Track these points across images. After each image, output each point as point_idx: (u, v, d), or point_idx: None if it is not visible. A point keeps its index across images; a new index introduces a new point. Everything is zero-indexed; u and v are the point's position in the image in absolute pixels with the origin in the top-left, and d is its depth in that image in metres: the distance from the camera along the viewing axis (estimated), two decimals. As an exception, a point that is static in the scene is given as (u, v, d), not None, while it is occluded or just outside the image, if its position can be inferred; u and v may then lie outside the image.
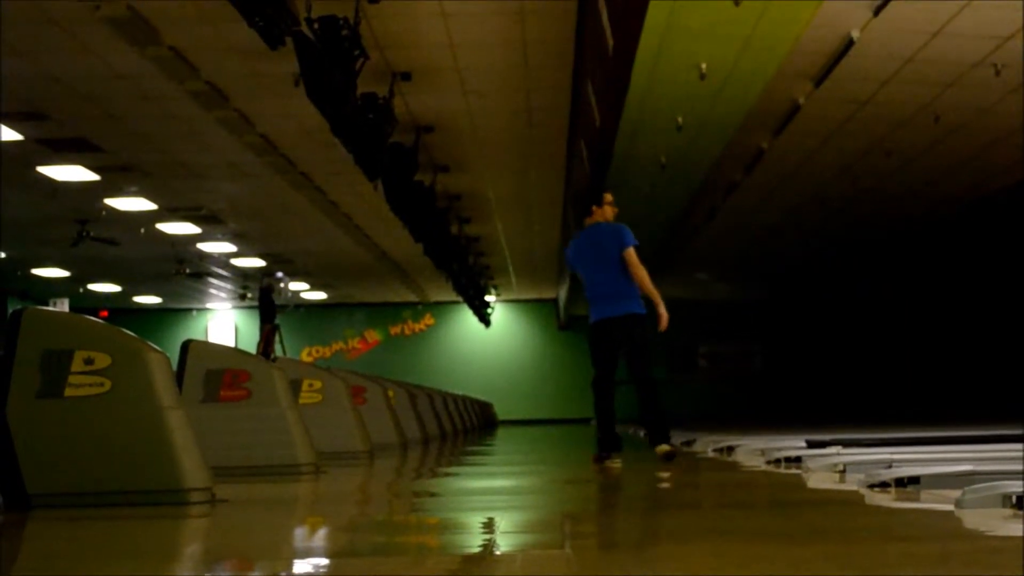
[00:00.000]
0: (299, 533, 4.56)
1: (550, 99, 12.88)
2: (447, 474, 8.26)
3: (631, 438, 14.36)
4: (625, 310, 8.08)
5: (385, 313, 32.25)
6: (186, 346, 7.45)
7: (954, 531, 3.94)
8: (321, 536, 4.43)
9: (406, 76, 11.71)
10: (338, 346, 32.50)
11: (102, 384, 4.93)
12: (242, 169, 15.76)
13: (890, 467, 5.62)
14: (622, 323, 8.10)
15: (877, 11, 9.73)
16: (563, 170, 16.23)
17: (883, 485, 5.28)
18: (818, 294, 29.30)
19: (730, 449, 9.13)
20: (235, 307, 31.97)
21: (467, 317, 30.36)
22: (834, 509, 4.90)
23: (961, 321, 26.39)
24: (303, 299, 30.36)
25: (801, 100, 12.10)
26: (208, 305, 32.05)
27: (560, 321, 31.38)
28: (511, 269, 26.12)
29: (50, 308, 6.04)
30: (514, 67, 11.76)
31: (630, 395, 8.21)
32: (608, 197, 8.48)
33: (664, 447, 8.04)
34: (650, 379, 8.18)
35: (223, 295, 30.18)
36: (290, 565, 3.56)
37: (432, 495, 6.35)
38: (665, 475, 7.16)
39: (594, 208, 8.44)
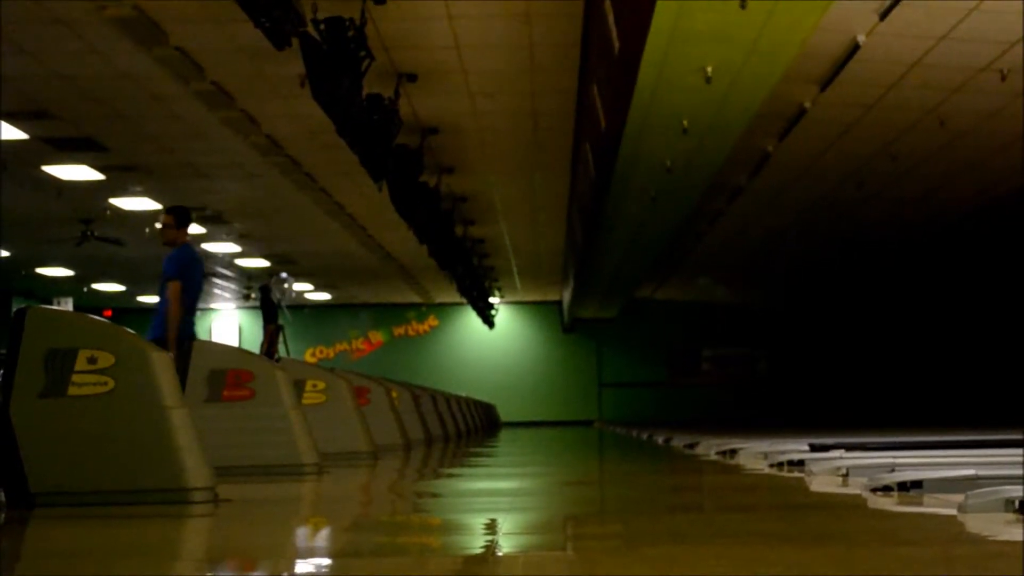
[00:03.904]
0: (302, 533, 4.56)
1: (556, 102, 12.87)
2: (450, 475, 8.26)
3: (648, 443, 14.40)
4: None
5: (389, 314, 32.24)
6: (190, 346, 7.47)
7: (957, 535, 3.94)
8: (323, 536, 4.43)
9: (412, 77, 11.71)
10: (342, 347, 32.48)
11: (105, 383, 4.94)
12: (247, 170, 15.76)
13: (893, 471, 5.62)
14: None
15: (883, 15, 9.72)
16: (568, 173, 16.21)
17: (886, 489, 5.28)
18: (823, 298, 29.27)
19: (733, 452, 9.12)
20: (239, 307, 31.98)
21: (471, 319, 30.35)
22: (837, 513, 4.90)
23: (966, 325, 26.39)
24: (307, 300, 30.36)
25: (807, 104, 12.09)
26: (212, 305, 32.06)
27: (564, 323, 31.35)
28: (515, 271, 26.11)
29: (54, 307, 6.04)
30: (520, 69, 11.76)
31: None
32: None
33: None
34: None
35: (227, 295, 30.19)
36: (292, 565, 3.56)
37: (435, 496, 6.35)
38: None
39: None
